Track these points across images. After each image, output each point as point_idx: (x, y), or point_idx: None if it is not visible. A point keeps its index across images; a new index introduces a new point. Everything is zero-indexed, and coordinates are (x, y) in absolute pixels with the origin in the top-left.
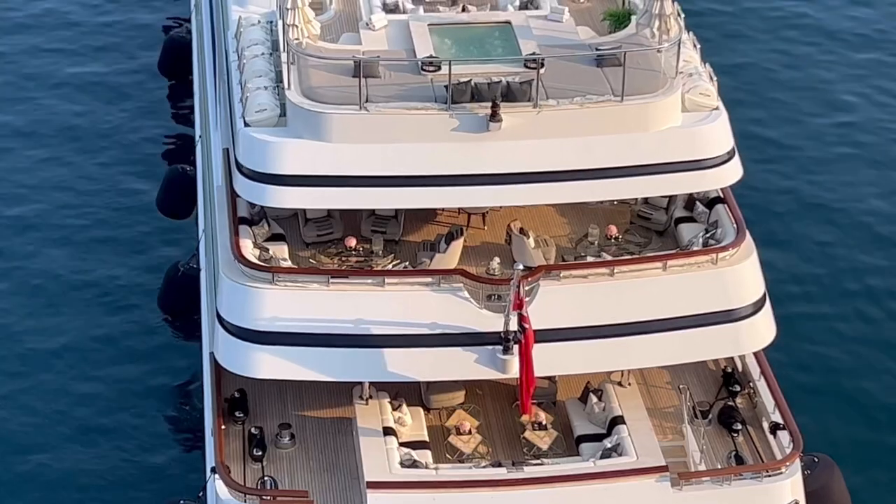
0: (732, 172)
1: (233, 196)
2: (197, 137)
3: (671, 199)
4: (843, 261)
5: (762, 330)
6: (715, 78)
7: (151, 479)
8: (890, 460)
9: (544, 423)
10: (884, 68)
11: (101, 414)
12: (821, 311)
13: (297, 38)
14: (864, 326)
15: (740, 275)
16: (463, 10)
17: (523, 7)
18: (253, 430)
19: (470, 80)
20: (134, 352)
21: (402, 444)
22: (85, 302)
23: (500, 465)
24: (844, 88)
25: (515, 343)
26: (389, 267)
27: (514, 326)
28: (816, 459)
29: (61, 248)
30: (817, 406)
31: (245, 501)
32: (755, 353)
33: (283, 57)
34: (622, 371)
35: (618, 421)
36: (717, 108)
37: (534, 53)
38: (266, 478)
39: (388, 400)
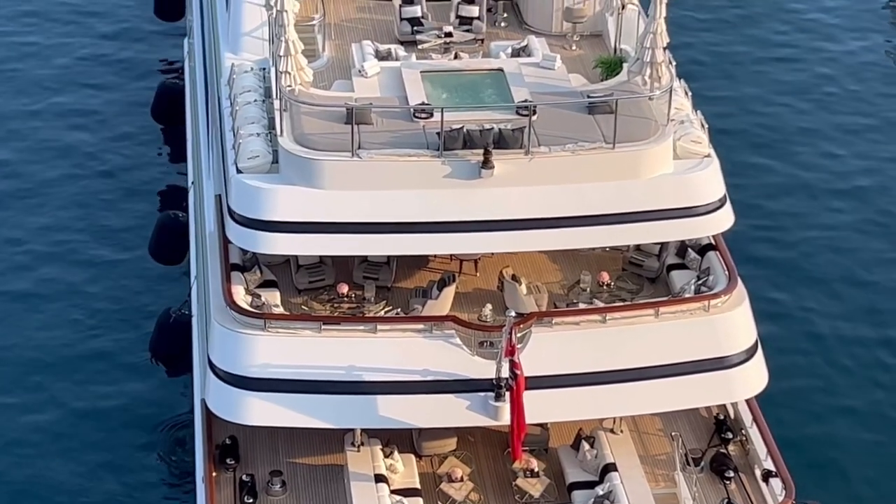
0: (724, 219)
1: (225, 242)
2: (189, 183)
3: (663, 245)
4: (837, 304)
5: (754, 377)
6: (706, 125)
7: None
8: None
9: (536, 470)
10: None
11: (89, 460)
12: (813, 358)
13: (289, 85)
14: (858, 372)
15: (732, 322)
16: (455, 57)
17: (515, 54)
18: (244, 477)
19: (462, 127)
20: (124, 398)
21: (393, 492)
22: (76, 347)
23: None
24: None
25: (507, 390)
26: (381, 313)
27: (505, 373)
28: None
29: (53, 294)
30: (810, 453)
31: None
32: (747, 401)
33: (276, 104)
34: (614, 418)
35: (610, 468)
36: (708, 156)
37: (526, 101)
38: None
39: (380, 447)
